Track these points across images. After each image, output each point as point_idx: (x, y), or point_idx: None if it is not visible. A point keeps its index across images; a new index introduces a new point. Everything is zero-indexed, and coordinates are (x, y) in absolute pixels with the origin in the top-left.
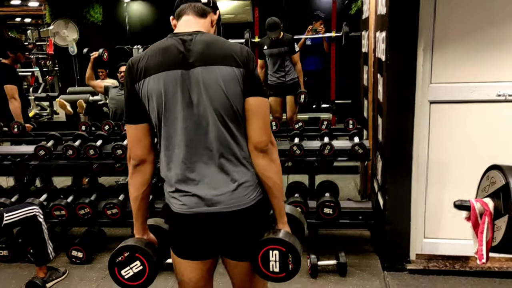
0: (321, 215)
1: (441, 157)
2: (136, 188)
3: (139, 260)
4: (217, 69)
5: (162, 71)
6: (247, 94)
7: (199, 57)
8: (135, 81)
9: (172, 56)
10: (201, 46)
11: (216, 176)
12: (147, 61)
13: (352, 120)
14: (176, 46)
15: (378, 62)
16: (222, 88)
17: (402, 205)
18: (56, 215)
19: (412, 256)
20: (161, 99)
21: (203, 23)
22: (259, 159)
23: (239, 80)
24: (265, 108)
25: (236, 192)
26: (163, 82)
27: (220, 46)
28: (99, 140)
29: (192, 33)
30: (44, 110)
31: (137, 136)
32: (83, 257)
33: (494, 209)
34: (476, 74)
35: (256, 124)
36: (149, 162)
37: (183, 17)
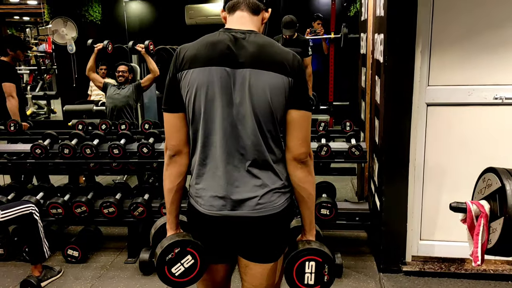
0: (318, 215)
1: (438, 159)
2: (171, 180)
3: (190, 254)
4: (266, 74)
5: (207, 65)
6: (292, 106)
7: (250, 59)
8: (178, 70)
9: (221, 52)
10: (253, 47)
11: (245, 180)
12: (194, 52)
13: (349, 122)
14: (227, 42)
15: (376, 64)
16: (267, 95)
17: (398, 207)
18: (52, 213)
19: (408, 258)
20: (202, 94)
21: (256, 21)
22: (297, 170)
23: (286, 90)
24: (308, 121)
25: (264, 198)
26: (207, 77)
27: (273, 51)
28: (95, 139)
29: (246, 31)
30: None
31: (175, 125)
32: (78, 256)
33: (490, 211)
34: (473, 77)
35: (298, 136)
36: (185, 153)
37: (236, 12)
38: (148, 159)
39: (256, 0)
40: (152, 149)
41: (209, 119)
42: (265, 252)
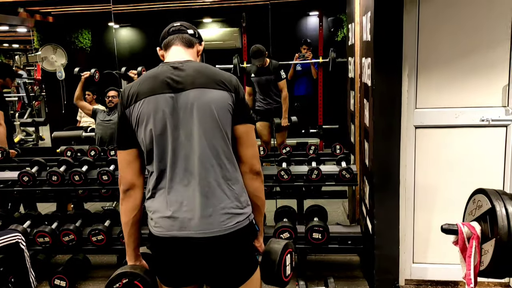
0: (310, 240)
1: (428, 181)
2: (126, 214)
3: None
4: (209, 92)
5: (151, 95)
6: (238, 121)
7: (191, 81)
8: (125, 107)
9: (162, 81)
10: (192, 70)
11: (195, 200)
12: (137, 87)
13: (339, 145)
14: (167, 71)
15: (364, 87)
16: (213, 111)
17: (390, 230)
18: (39, 242)
19: (401, 282)
20: (150, 121)
21: (191, 53)
22: (253, 181)
23: (230, 105)
24: (254, 134)
25: (212, 218)
26: (153, 105)
27: (211, 72)
28: (84, 165)
29: (183, 61)
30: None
31: (127, 161)
32: (66, 286)
33: (481, 232)
34: (460, 99)
35: (249, 149)
36: (139, 186)
37: (171, 48)
38: None
39: (189, 36)
40: None
41: (160, 143)
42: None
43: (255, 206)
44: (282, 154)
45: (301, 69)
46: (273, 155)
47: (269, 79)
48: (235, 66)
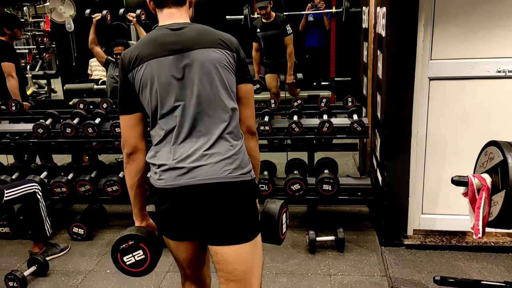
0: (320, 191)
1: (440, 134)
2: (131, 176)
3: (142, 250)
4: (212, 51)
5: (153, 58)
6: (240, 80)
7: (192, 42)
8: (127, 71)
9: (163, 43)
10: (193, 33)
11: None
12: (138, 51)
13: (351, 98)
14: (166, 34)
15: (378, 38)
16: (219, 70)
17: (400, 181)
18: (57, 192)
19: (409, 232)
20: (154, 84)
21: (184, 11)
22: (250, 140)
23: (232, 64)
24: (253, 95)
25: (217, 165)
26: (156, 67)
27: (211, 32)
28: (97, 118)
29: (180, 23)
30: (41, 88)
31: (130, 125)
32: (84, 233)
33: (491, 184)
34: (476, 50)
35: (248, 109)
36: (142, 150)
37: (165, 10)
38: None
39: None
40: None
41: (166, 104)
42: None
43: (252, 165)
44: (293, 107)
45: (313, 20)
46: (284, 108)
47: (275, 34)
48: (246, 17)
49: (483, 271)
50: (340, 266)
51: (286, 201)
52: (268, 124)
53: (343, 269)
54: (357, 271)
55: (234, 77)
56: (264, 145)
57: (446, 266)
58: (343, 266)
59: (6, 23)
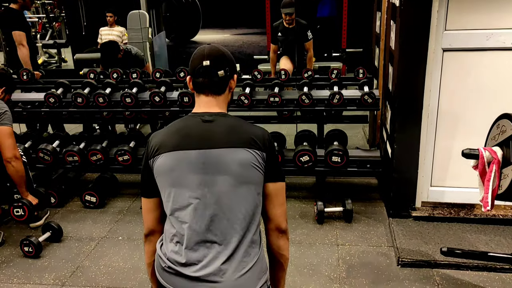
0: (329, 163)
1: (452, 107)
2: (147, 256)
3: None
4: (239, 152)
5: (176, 149)
6: (268, 179)
7: (221, 139)
8: (148, 157)
9: (190, 136)
10: (223, 127)
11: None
12: (163, 138)
13: (363, 69)
14: (196, 125)
15: (392, 7)
16: (243, 171)
17: (410, 154)
18: (69, 161)
19: (418, 204)
20: (171, 176)
21: (222, 100)
22: (279, 240)
23: (261, 164)
24: (284, 192)
25: (242, 279)
26: (176, 160)
27: (243, 130)
28: (108, 88)
29: (213, 114)
30: (52, 57)
31: (148, 208)
32: (96, 201)
33: (502, 157)
34: (492, 20)
35: (278, 208)
36: (159, 232)
37: (202, 96)
38: (160, 108)
39: (219, 80)
40: (164, 98)
41: (178, 201)
42: None
43: (278, 263)
44: (303, 78)
45: None
46: (294, 79)
47: (296, 39)
48: None
49: (491, 243)
50: (347, 236)
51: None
52: (278, 95)
53: (351, 239)
54: (365, 242)
55: (263, 176)
56: (273, 117)
57: (454, 238)
58: (351, 236)
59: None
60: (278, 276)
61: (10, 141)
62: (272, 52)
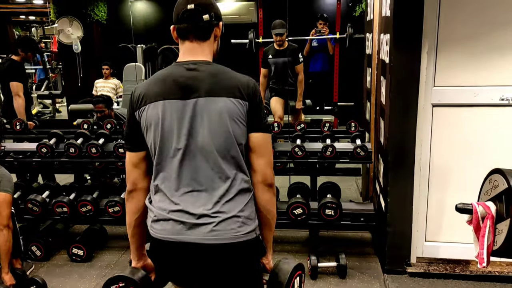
0: (322, 216)
1: (443, 161)
2: (129, 214)
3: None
4: (222, 101)
5: (161, 99)
6: (252, 129)
7: (203, 88)
8: (134, 109)
9: (174, 85)
10: (206, 76)
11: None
12: (147, 89)
13: (354, 123)
14: (180, 75)
15: (381, 64)
16: (226, 121)
17: (404, 208)
18: (58, 212)
19: (412, 259)
20: (158, 127)
21: (207, 47)
22: (265, 193)
23: (244, 114)
24: (270, 143)
25: (219, 225)
26: (161, 110)
27: (226, 78)
28: (101, 138)
29: (197, 62)
30: (46, 108)
31: (133, 163)
32: (83, 255)
33: (496, 212)
34: (480, 78)
35: (263, 159)
36: (143, 189)
37: (186, 43)
38: None
39: (204, 24)
40: None
41: (165, 151)
42: None
43: (265, 219)
44: (296, 130)
45: (317, 45)
46: (287, 132)
47: (287, 62)
48: (251, 41)
49: None
50: None
51: (288, 226)
52: None
53: None
54: None
55: (245, 128)
56: None
57: None
58: None
59: (23, 45)
60: (266, 235)
61: (8, 211)
62: (263, 76)
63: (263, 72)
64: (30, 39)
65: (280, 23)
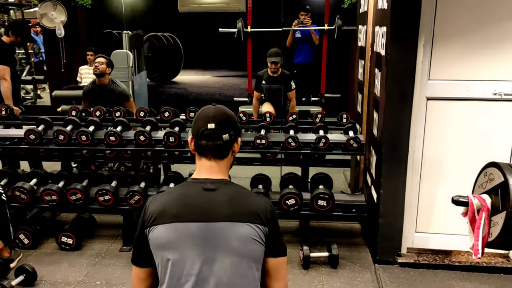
0: (315, 206)
1: (436, 153)
2: None
3: None
4: (241, 226)
5: (175, 221)
6: (270, 254)
7: (223, 211)
8: (145, 226)
9: (191, 206)
10: (225, 199)
11: None
12: (160, 208)
13: (346, 114)
14: (198, 193)
15: (376, 56)
16: (244, 247)
17: (396, 199)
18: (46, 200)
19: (403, 250)
20: (170, 250)
21: (225, 163)
22: None
23: (262, 239)
24: (285, 266)
25: None
26: (176, 233)
27: (246, 201)
28: (91, 126)
29: (215, 181)
30: (28, 93)
31: (139, 278)
32: (73, 243)
33: (491, 205)
34: (473, 72)
35: (279, 283)
36: None
37: (203, 159)
38: (145, 147)
39: (224, 144)
40: (150, 137)
41: (175, 275)
42: None
43: None
44: (288, 121)
45: (300, 36)
46: (279, 122)
47: (280, 88)
48: (239, 30)
49: None
50: (334, 283)
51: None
52: (265, 137)
53: (337, 286)
54: None
55: (263, 251)
56: (256, 158)
57: (440, 285)
58: (337, 283)
59: (14, 29)
60: None
61: None
62: (255, 99)
63: (256, 95)
64: (23, 23)
65: (276, 52)
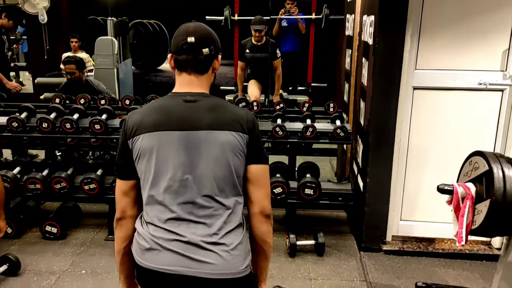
0: (302, 195)
1: (421, 142)
2: (118, 243)
3: None
4: (221, 134)
5: (156, 130)
6: (251, 161)
7: (202, 120)
8: (127, 137)
9: (171, 117)
10: (205, 109)
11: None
12: (141, 119)
13: (333, 103)
14: (178, 104)
15: (364, 45)
16: (227, 155)
17: (382, 188)
18: (30, 189)
19: (388, 238)
20: (152, 158)
21: (205, 80)
22: (262, 224)
23: (243, 147)
24: (267, 175)
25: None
26: (156, 141)
27: (226, 111)
28: (75, 113)
29: (195, 94)
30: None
31: (122, 190)
32: (57, 232)
33: (476, 193)
34: (459, 62)
35: (261, 191)
36: (132, 217)
37: (183, 74)
38: None
39: (204, 58)
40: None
41: (161, 183)
42: None
43: (261, 251)
44: (276, 110)
45: (287, 25)
46: (267, 111)
47: (264, 57)
48: (226, 18)
49: (459, 277)
50: (320, 270)
51: None
52: None
53: (323, 273)
54: (337, 276)
55: (244, 160)
56: None
57: (424, 272)
58: (323, 270)
59: (9, 12)
60: (261, 265)
61: None
62: (240, 69)
63: (240, 65)
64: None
65: (260, 19)
